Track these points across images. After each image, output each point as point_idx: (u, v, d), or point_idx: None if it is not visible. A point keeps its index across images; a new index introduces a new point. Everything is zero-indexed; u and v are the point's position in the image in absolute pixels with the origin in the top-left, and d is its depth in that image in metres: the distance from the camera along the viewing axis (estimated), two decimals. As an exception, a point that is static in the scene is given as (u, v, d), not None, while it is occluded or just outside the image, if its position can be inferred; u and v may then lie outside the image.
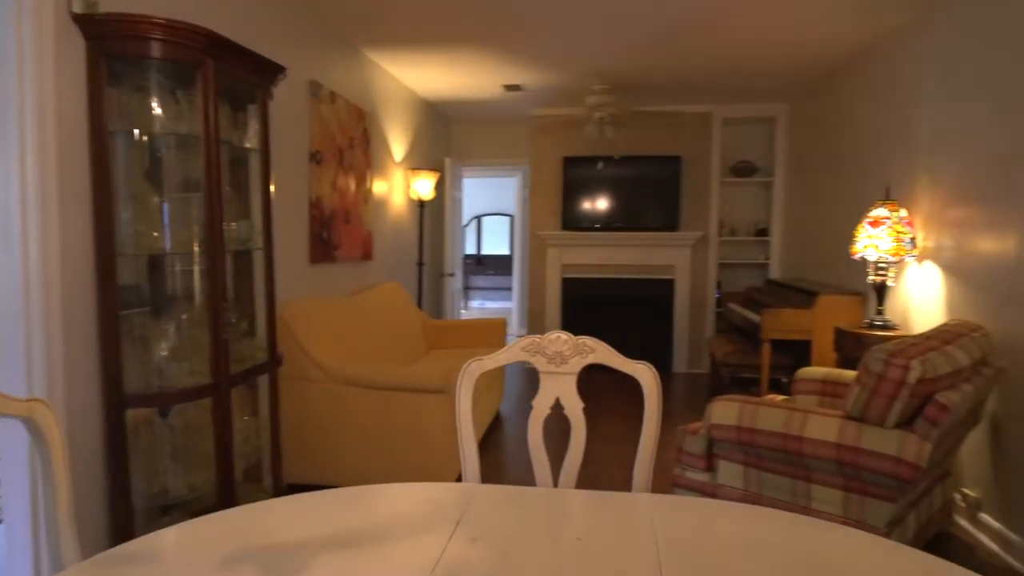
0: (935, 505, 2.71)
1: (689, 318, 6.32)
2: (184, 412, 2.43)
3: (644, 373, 1.50)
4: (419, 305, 5.37)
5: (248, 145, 2.65)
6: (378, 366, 3.40)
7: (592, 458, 3.72)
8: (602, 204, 6.27)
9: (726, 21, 3.71)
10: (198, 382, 2.29)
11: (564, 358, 1.52)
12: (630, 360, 1.50)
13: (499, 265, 12.42)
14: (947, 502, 2.85)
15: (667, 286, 6.33)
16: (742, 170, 6.27)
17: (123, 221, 2.18)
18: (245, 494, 2.64)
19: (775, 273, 6.16)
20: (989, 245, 2.90)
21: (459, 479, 1.60)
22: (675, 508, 1.35)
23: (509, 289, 11.49)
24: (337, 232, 3.96)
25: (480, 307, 11.07)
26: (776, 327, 4.31)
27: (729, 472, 2.66)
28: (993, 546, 2.78)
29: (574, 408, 1.52)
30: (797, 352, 4.60)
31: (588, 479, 3.35)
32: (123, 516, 2.20)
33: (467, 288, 12.05)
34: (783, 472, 2.51)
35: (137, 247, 2.24)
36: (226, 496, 2.38)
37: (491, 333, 4.99)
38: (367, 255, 4.49)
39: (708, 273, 6.31)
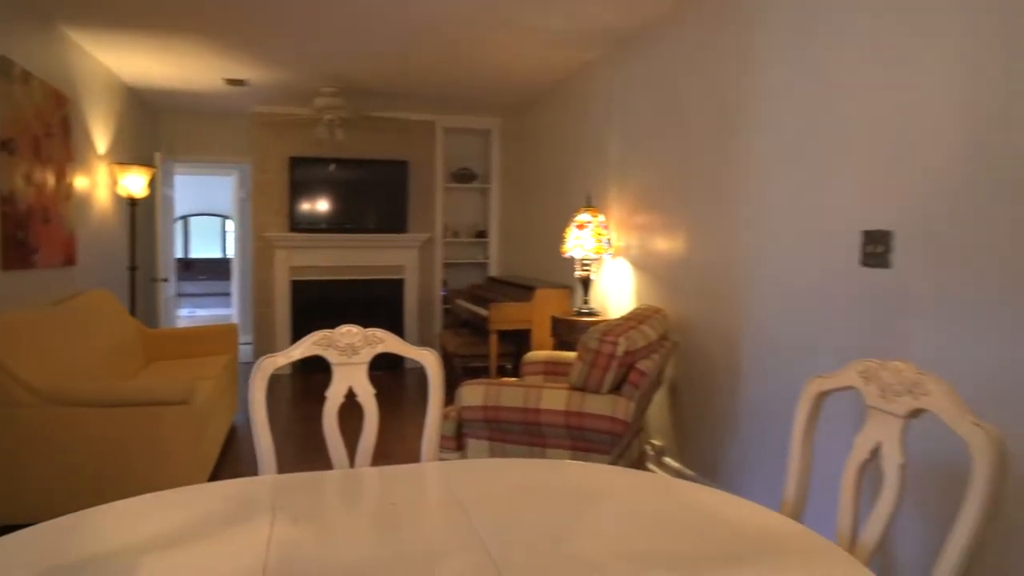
0: (634, 455, 3.35)
1: (418, 316, 6.64)
2: None
3: (428, 358, 1.69)
4: (133, 314, 4.83)
5: (-70, 129, 2.23)
6: (106, 382, 3.06)
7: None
8: (332, 205, 6.27)
9: (454, 38, 4.05)
10: None
11: (355, 349, 1.64)
12: (415, 347, 1.68)
13: (210, 269, 11.52)
14: (642, 452, 3.53)
15: (397, 286, 6.57)
16: (462, 176, 6.79)
17: None
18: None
19: (494, 271, 6.78)
20: (664, 244, 3.66)
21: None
22: (464, 469, 1.56)
23: (224, 295, 10.71)
24: (35, 233, 3.42)
25: (190, 315, 10.12)
26: (502, 319, 4.82)
27: (477, 448, 2.97)
28: (674, 481, 3.53)
29: (366, 395, 1.65)
30: (518, 341, 5.18)
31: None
32: None
33: (177, 295, 10.94)
34: (523, 442, 2.90)
35: None
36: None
37: (221, 341, 4.71)
38: (70, 259, 3.94)
39: (435, 273, 6.70)
